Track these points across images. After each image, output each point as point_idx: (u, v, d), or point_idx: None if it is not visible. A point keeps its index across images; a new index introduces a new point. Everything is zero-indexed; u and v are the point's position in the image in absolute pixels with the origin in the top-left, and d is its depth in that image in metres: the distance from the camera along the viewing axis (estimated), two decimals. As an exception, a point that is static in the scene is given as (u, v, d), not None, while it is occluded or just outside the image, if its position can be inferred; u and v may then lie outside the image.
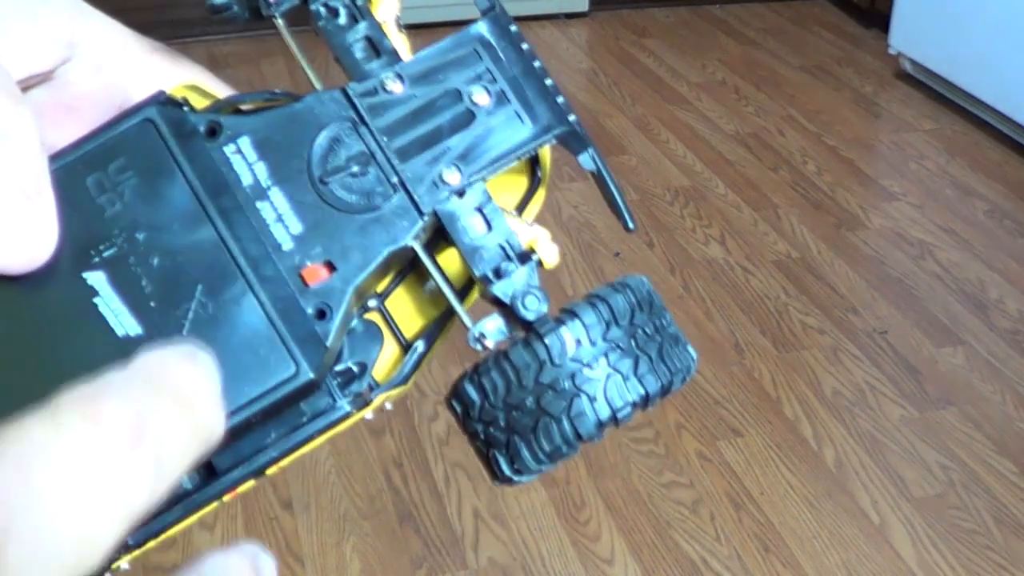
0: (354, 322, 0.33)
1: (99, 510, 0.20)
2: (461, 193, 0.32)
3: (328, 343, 0.30)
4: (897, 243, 2.09)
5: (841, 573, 1.39)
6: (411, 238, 0.31)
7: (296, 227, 0.30)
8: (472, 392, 0.31)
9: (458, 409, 0.32)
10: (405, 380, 0.34)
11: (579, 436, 0.30)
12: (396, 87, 0.32)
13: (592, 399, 0.30)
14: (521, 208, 0.36)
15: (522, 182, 0.36)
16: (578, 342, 0.30)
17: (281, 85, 2.61)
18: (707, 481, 1.52)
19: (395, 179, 0.32)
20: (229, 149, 0.31)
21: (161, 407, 0.23)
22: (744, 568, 1.39)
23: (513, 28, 0.34)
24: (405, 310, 0.35)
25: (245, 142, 0.31)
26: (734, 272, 1.99)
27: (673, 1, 3.25)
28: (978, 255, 2.05)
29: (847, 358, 1.77)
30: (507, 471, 0.31)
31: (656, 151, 2.42)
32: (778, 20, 3.17)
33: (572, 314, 0.31)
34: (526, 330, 0.31)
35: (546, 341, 0.30)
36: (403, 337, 0.34)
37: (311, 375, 0.29)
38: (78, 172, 0.30)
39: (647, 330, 0.32)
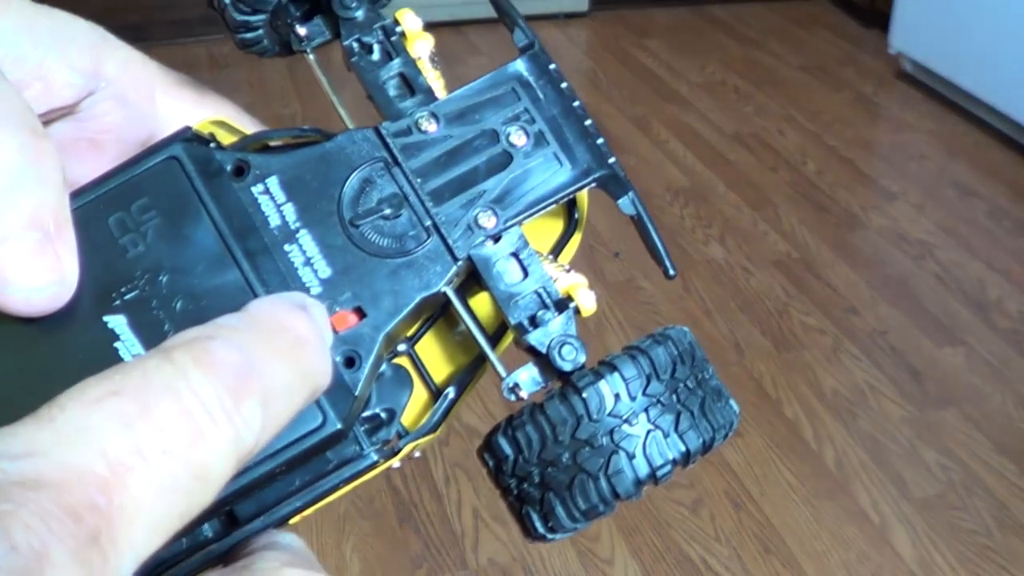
0: (383, 367, 0.32)
1: (211, 447, 0.21)
2: (497, 238, 0.31)
3: (357, 392, 0.29)
4: (897, 243, 2.09)
5: (841, 573, 1.39)
6: (444, 284, 0.30)
7: (325, 271, 0.29)
8: (506, 446, 0.30)
9: (491, 463, 0.31)
10: (435, 428, 0.32)
11: (616, 495, 0.29)
12: (431, 127, 0.31)
13: (631, 456, 0.29)
14: (556, 251, 0.35)
15: (557, 225, 0.35)
16: (617, 396, 0.29)
17: (281, 86, 2.61)
18: (707, 481, 1.52)
19: (428, 222, 0.31)
20: (257, 189, 0.30)
21: (269, 353, 0.24)
22: (744, 568, 1.39)
23: (552, 66, 0.34)
24: (435, 355, 0.34)
25: (273, 182, 0.30)
26: (734, 272, 1.99)
27: (673, 1, 3.25)
28: (978, 255, 2.05)
29: (847, 358, 1.77)
30: (541, 529, 0.30)
31: (656, 151, 2.42)
32: (778, 20, 3.17)
33: (611, 367, 0.30)
34: (562, 382, 0.30)
35: (584, 395, 0.29)
36: (433, 383, 0.33)
37: (338, 425, 0.28)
38: (100, 211, 0.29)
39: (689, 384, 0.30)
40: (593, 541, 1.43)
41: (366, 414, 0.31)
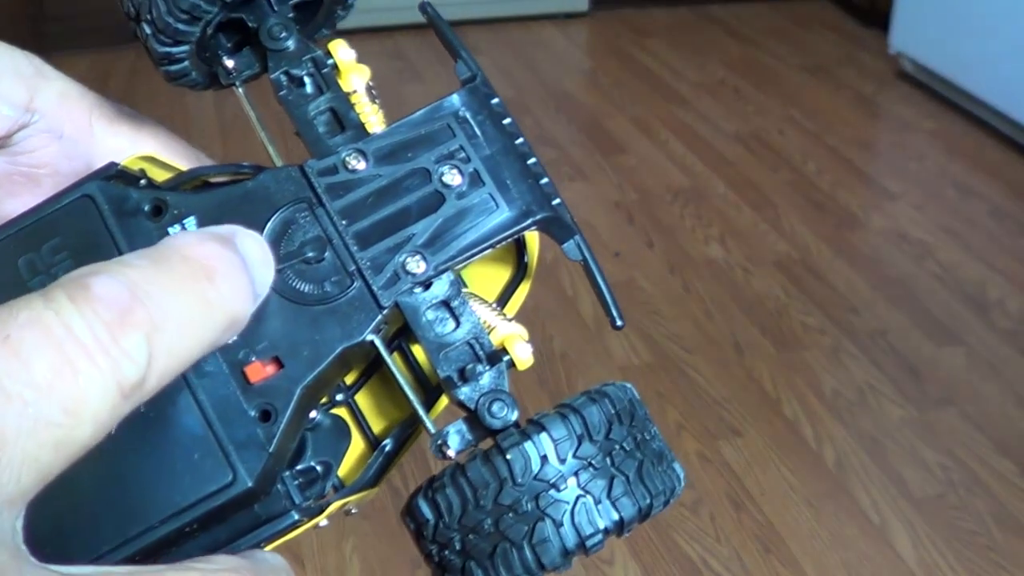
0: (319, 416, 0.30)
1: (85, 381, 0.21)
2: (427, 284, 0.29)
3: (271, 449, 0.27)
4: (897, 243, 2.09)
5: (841, 573, 1.39)
6: (370, 333, 0.28)
7: None
8: (426, 509, 0.28)
9: (412, 527, 0.29)
10: (372, 483, 0.31)
11: (542, 566, 0.27)
12: (359, 165, 0.29)
13: (558, 524, 0.27)
14: (504, 299, 0.32)
15: (505, 272, 0.33)
16: (544, 459, 0.27)
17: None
18: (707, 481, 1.52)
19: (352, 267, 0.29)
20: (174, 230, 0.28)
21: (164, 284, 0.23)
22: (744, 568, 1.39)
23: (495, 100, 0.31)
24: (376, 405, 0.32)
25: (191, 223, 0.28)
26: (734, 272, 1.99)
27: (673, 1, 3.25)
28: (978, 255, 2.05)
29: (847, 358, 1.77)
30: None
31: (656, 151, 2.42)
32: (778, 20, 3.17)
33: (539, 426, 0.27)
34: (493, 440, 0.28)
35: (508, 456, 0.27)
36: (372, 434, 0.32)
37: (249, 484, 0.26)
38: (10, 252, 0.28)
39: (626, 446, 0.28)
40: (593, 541, 1.43)
41: (300, 467, 0.30)
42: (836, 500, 1.50)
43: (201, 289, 0.23)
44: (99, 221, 0.28)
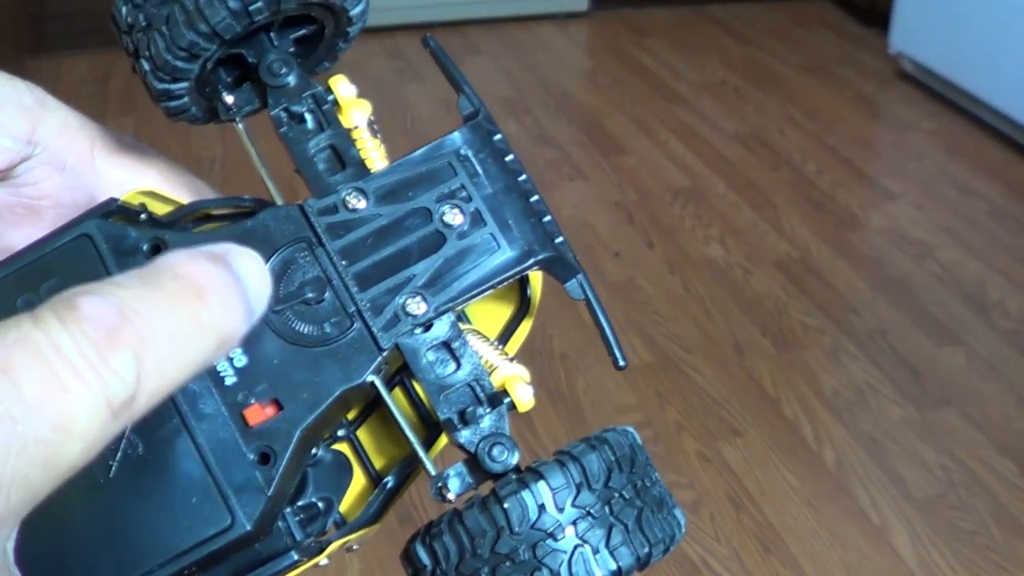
0: (321, 452, 0.30)
1: (74, 399, 0.21)
2: (427, 326, 0.29)
3: (270, 492, 0.27)
4: (897, 243, 2.09)
5: (841, 573, 1.39)
6: (370, 374, 0.28)
7: (240, 359, 0.28)
8: (423, 556, 0.28)
9: (409, 572, 0.29)
10: (374, 519, 0.30)
11: None
12: (359, 204, 0.29)
13: (555, 574, 0.26)
14: (506, 336, 0.32)
15: (507, 308, 0.33)
16: (542, 507, 0.27)
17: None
18: (707, 481, 1.52)
19: (352, 309, 0.28)
20: None
21: (153, 303, 0.23)
22: (744, 569, 1.39)
23: (497, 137, 0.31)
24: (377, 441, 0.32)
25: None
26: (734, 272, 1.99)
27: (673, 1, 3.25)
28: (978, 255, 2.05)
29: (847, 358, 1.77)
30: None
31: (656, 151, 2.42)
32: (778, 20, 3.17)
33: (537, 475, 0.27)
34: (492, 484, 0.28)
35: (505, 505, 0.27)
36: (374, 470, 0.31)
37: (247, 527, 0.26)
38: (8, 291, 0.28)
39: (626, 493, 0.28)
40: (593, 541, 1.43)
41: (301, 503, 0.29)
42: (836, 500, 1.50)
43: (191, 307, 0.23)
44: (97, 261, 0.28)
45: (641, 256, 2.03)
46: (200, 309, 0.23)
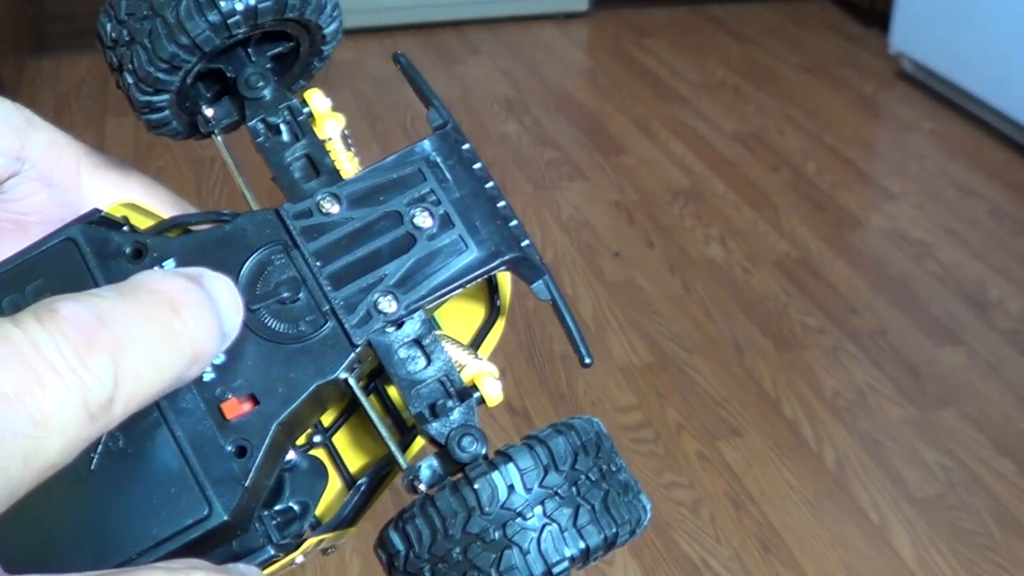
0: (296, 458, 0.31)
1: (51, 395, 0.21)
2: (399, 323, 0.30)
3: (246, 483, 0.27)
4: (897, 243, 2.09)
5: (841, 573, 1.39)
6: (343, 371, 0.29)
7: (218, 357, 0.28)
8: (397, 540, 0.29)
9: (383, 558, 0.29)
10: (349, 522, 0.31)
11: None
12: (333, 208, 0.30)
13: (525, 552, 0.27)
14: (478, 340, 0.34)
15: (480, 312, 0.34)
16: (511, 488, 0.28)
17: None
18: (707, 481, 1.52)
19: (326, 307, 0.30)
20: None
21: (130, 312, 0.23)
22: (744, 568, 1.39)
23: (465, 146, 0.32)
24: (353, 445, 0.33)
25: (171, 264, 0.29)
26: (734, 272, 1.99)
27: (673, 1, 3.25)
28: (978, 255, 2.05)
29: (847, 358, 1.77)
30: None
31: (656, 151, 2.42)
32: (778, 20, 3.17)
33: (506, 457, 0.28)
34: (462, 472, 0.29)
35: (475, 486, 0.28)
36: (348, 474, 0.32)
37: (224, 517, 0.27)
38: None
39: (591, 476, 0.29)
40: (593, 541, 1.43)
41: (278, 507, 0.30)
42: (836, 500, 1.50)
43: (167, 319, 0.24)
44: (81, 263, 0.29)
45: (641, 256, 2.03)
46: (175, 320, 0.24)
